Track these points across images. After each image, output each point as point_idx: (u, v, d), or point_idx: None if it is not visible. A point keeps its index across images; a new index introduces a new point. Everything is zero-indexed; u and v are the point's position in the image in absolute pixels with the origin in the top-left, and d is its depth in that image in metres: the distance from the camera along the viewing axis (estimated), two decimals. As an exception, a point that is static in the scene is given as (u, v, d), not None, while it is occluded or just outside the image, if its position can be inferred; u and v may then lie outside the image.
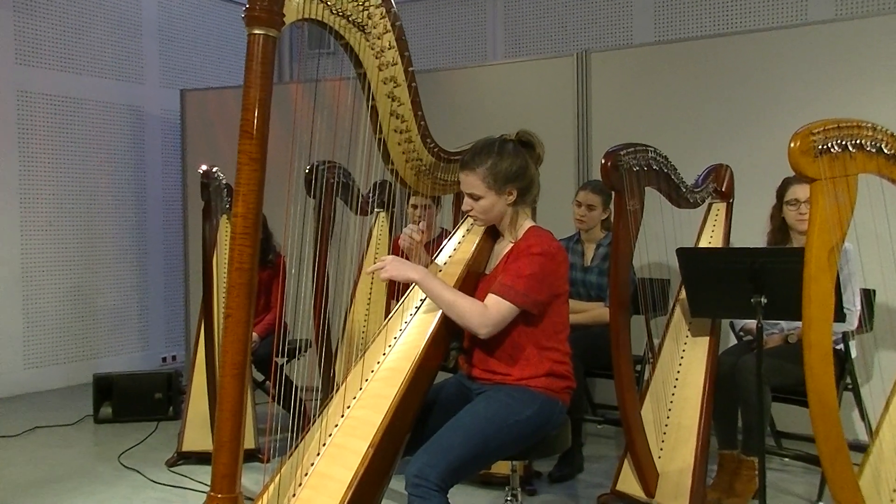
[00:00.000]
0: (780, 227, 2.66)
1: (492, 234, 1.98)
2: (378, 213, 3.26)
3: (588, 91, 3.78)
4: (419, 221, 3.17)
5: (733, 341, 2.88)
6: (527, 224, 1.89)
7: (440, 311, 1.79)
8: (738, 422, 2.55)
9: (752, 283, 2.07)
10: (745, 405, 2.46)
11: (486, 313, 1.73)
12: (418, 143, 1.91)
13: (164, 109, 5.01)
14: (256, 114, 1.48)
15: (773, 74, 3.36)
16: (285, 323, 3.25)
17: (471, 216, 1.90)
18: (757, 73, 3.39)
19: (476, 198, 1.83)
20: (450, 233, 2.15)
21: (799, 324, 2.23)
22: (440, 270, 1.95)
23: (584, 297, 3.07)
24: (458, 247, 2.02)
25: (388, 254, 2.96)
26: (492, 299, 1.75)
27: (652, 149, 2.29)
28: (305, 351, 3.27)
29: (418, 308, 1.87)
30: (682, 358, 2.61)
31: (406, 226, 1.99)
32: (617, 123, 3.67)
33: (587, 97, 3.78)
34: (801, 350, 1.57)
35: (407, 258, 1.96)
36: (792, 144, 1.53)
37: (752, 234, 2.84)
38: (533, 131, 1.90)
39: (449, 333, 1.81)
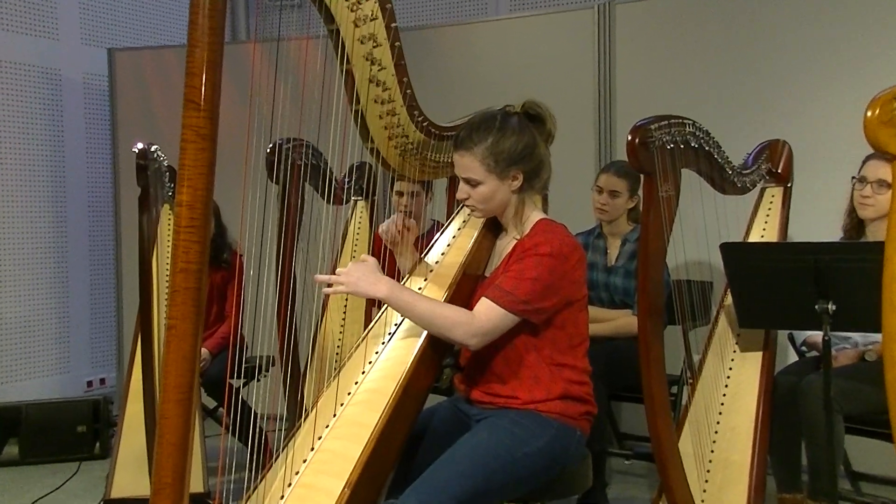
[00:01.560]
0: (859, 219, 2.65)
1: (493, 227, 2.00)
2: (356, 201, 3.27)
3: (611, 52, 3.80)
4: (405, 211, 3.21)
5: (793, 358, 2.91)
6: (535, 216, 1.91)
7: None
8: (802, 458, 2.56)
9: (817, 286, 2.08)
10: (811, 438, 2.46)
11: (472, 321, 1.76)
12: (404, 117, 1.93)
13: (88, 73, 4.99)
14: (204, 80, 1.48)
15: (848, 26, 3.33)
16: (242, 336, 3.24)
17: (467, 206, 1.92)
18: (823, 24, 3.38)
19: (474, 183, 1.85)
20: (442, 226, 2.17)
21: (877, 337, 2.25)
22: (430, 271, 1.97)
23: (608, 304, 3.10)
24: (452, 243, 2.04)
25: (369, 251, 2.97)
26: (483, 305, 1.78)
27: (690, 122, 2.31)
28: (267, 370, 3.28)
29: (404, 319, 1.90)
30: (728, 378, 2.63)
31: (390, 216, 2.01)
32: (646, 91, 3.69)
33: (610, 59, 3.81)
34: (881, 369, 1.57)
35: (390, 258, 1.98)
36: (869, 113, 1.53)
37: (818, 225, 2.86)
38: (542, 102, 1.92)
39: (442, 347, 1.83)
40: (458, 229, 2.11)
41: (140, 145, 3.08)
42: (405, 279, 2.03)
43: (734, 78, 3.56)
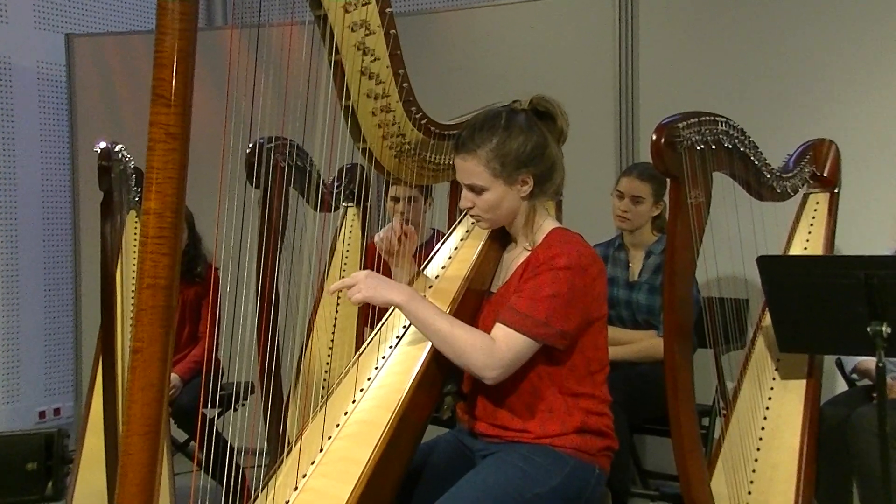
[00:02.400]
0: None
1: (500, 238, 2.01)
2: (346, 208, 3.29)
3: (634, 40, 3.83)
4: (402, 219, 3.21)
5: (841, 387, 2.91)
6: (548, 225, 1.92)
7: (431, 342, 1.82)
8: (854, 499, 2.56)
9: (869, 306, 2.08)
10: (863, 478, 2.47)
11: (494, 350, 1.76)
12: (399, 113, 1.94)
13: (43, 61, 4.99)
14: (175, 71, 1.49)
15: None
16: (218, 360, 3.25)
17: (472, 216, 1.94)
18: (878, 7, 3.40)
19: (478, 190, 1.87)
20: (443, 236, 2.18)
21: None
22: (430, 287, 1.98)
23: (629, 324, 3.11)
24: (454, 255, 2.05)
25: (360, 264, 2.98)
26: (501, 332, 1.78)
27: (723, 119, 2.32)
28: (246, 398, 3.28)
29: (401, 337, 1.91)
30: (767, 409, 2.63)
31: (385, 224, 2.02)
32: (673, 85, 3.71)
33: (632, 49, 3.83)
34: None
35: (385, 271, 1.98)
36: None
37: (869, 235, 2.87)
38: (553, 97, 1.94)
39: (442, 373, 1.84)
40: (461, 239, 2.12)
41: (102, 144, 3.09)
42: None
43: (774, 69, 3.57)
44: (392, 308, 1.95)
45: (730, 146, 2.33)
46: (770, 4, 3.58)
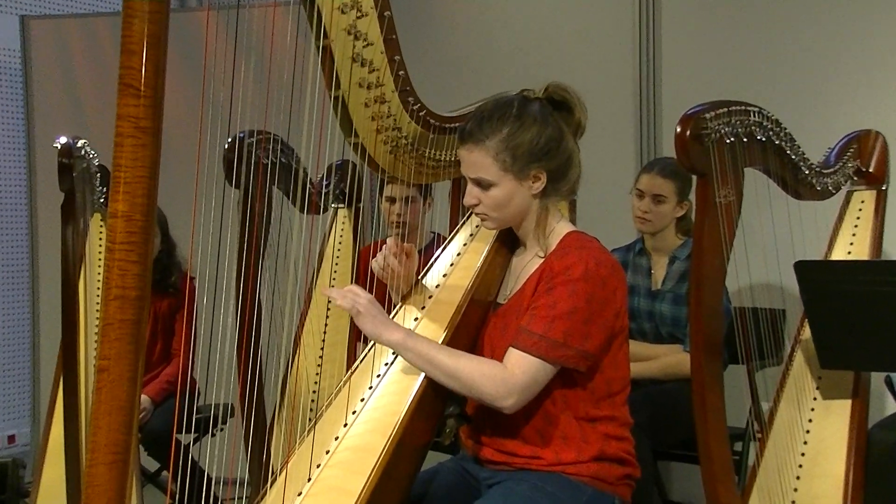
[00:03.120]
0: None
1: (508, 242, 2.02)
2: (336, 210, 3.30)
3: (656, 24, 3.84)
4: (398, 222, 3.22)
5: (892, 408, 2.91)
6: (562, 228, 1.93)
7: None
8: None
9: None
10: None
11: (507, 378, 1.77)
12: (395, 104, 1.94)
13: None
14: (145, 58, 1.48)
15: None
16: (193, 379, 3.25)
17: (477, 214, 1.94)
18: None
19: (485, 185, 1.87)
20: (445, 240, 2.18)
21: None
22: (430, 297, 1.99)
23: (652, 338, 3.11)
24: (456, 261, 2.06)
25: (352, 273, 2.99)
26: (514, 356, 1.78)
27: (755, 109, 2.32)
28: (225, 423, 3.28)
29: (397, 355, 1.91)
30: (808, 433, 2.63)
31: (379, 228, 2.02)
32: (699, 71, 3.71)
33: (654, 33, 3.84)
34: None
35: (380, 283, 1.99)
36: None
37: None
38: (570, 85, 1.94)
39: (444, 393, 1.84)
40: (465, 244, 2.12)
41: (63, 139, 3.09)
42: (397, 308, 2.05)
43: (812, 53, 3.57)
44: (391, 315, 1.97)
45: (763, 139, 2.33)
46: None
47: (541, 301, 1.81)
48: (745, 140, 2.26)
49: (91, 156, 3.08)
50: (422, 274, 2.08)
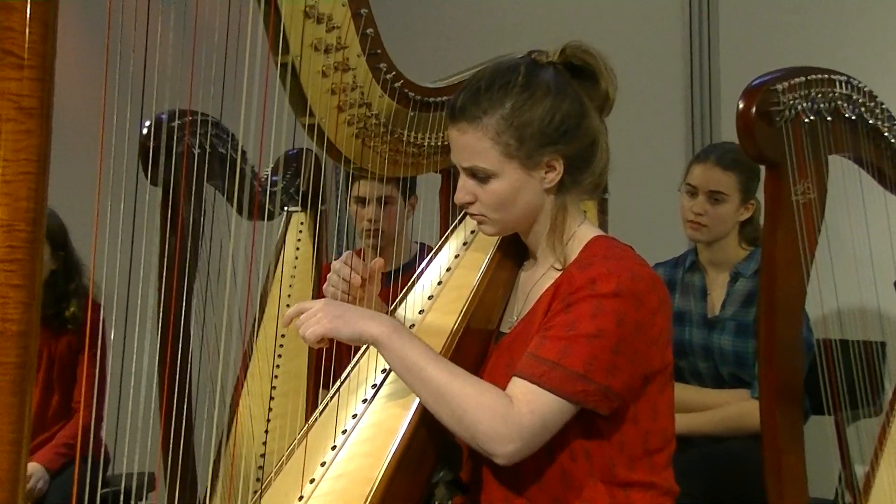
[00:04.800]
0: None
1: (513, 252, 2.03)
2: (289, 213, 3.30)
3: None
4: (371, 230, 3.21)
5: None
6: (585, 232, 1.93)
7: (415, 404, 1.82)
8: None
9: None
10: None
11: (510, 416, 1.75)
12: (363, 72, 1.95)
13: None
14: (29, 17, 1.49)
15: None
16: (101, 441, 3.25)
17: (472, 215, 1.94)
18: None
19: (482, 177, 1.87)
20: (432, 251, 2.18)
21: None
22: (412, 327, 1.99)
23: (709, 380, 3.12)
24: (447, 279, 2.06)
25: (313, 294, 2.98)
26: (520, 388, 1.77)
27: (842, 78, 2.31)
28: (143, 498, 3.26)
29: (370, 400, 1.91)
30: (917, 504, 2.63)
31: (347, 238, 2.01)
32: (766, 29, 3.75)
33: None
34: None
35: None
36: None
37: None
38: (593, 47, 1.94)
39: (432, 451, 1.84)
40: (457, 256, 2.13)
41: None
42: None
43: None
44: (359, 354, 1.96)
45: (853, 117, 2.33)
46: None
47: (556, 320, 1.80)
48: (828, 119, 2.26)
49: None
50: (401, 295, 2.09)
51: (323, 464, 1.86)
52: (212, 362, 2.62)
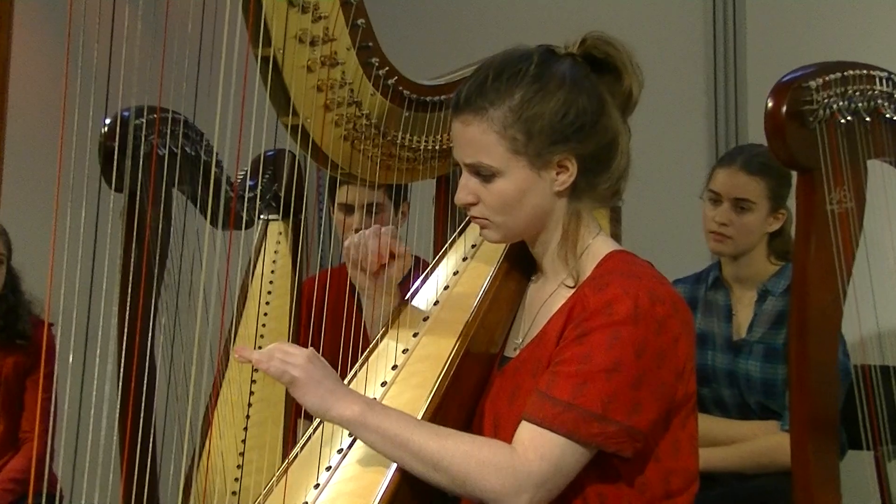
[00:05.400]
0: None
1: (521, 264, 2.02)
2: (266, 222, 3.30)
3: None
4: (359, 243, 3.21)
5: None
6: (601, 246, 1.93)
7: None
8: None
9: None
10: None
11: (517, 467, 1.75)
12: (353, 67, 1.95)
13: None
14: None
15: None
16: (54, 475, 3.27)
17: (474, 219, 1.93)
18: None
19: (486, 175, 1.86)
20: (428, 266, 2.17)
21: None
22: (404, 351, 1.98)
23: (735, 410, 3.12)
24: (444, 297, 2.06)
25: (290, 316, 2.97)
26: (529, 434, 1.77)
27: (883, 74, 2.31)
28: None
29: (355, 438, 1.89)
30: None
31: (330, 249, 2.00)
32: (798, 22, 3.77)
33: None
34: None
35: (331, 330, 1.98)
36: None
37: None
38: (616, 38, 1.94)
39: (428, 488, 1.82)
40: (456, 271, 2.12)
41: None
42: (357, 367, 2.03)
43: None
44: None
45: (894, 117, 2.33)
46: None
47: (568, 353, 1.79)
48: (867, 119, 2.26)
49: None
50: (391, 317, 2.08)
51: (305, 504, 1.85)
52: (180, 389, 2.62)
